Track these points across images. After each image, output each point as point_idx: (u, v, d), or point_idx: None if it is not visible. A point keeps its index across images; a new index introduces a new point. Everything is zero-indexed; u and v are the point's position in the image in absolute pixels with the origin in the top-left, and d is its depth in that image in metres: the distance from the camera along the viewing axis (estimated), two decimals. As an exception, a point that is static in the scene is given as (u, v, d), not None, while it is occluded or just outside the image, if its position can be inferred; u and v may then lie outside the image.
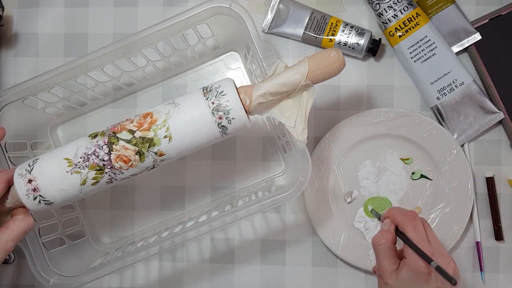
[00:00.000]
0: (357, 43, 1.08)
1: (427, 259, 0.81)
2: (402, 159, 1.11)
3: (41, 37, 1.17)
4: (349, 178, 1.12)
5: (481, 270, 1.10)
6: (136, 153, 0.83)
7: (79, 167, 0.83)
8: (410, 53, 1.08)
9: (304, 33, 1.11)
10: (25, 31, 1.17)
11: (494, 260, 1.11)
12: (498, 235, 1.09)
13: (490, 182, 1.10)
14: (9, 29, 1.17)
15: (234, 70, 1.14)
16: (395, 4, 1.07)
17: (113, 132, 0.84)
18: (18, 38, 1.17)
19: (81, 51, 1.17)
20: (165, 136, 0.83)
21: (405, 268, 0.83)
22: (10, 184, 0.85)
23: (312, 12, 1.11)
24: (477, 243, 1.10)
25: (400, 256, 0.87)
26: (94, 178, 0.84)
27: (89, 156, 0.83)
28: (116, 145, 0.83)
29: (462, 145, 1.10)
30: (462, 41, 1.09)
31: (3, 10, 1.13)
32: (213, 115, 0.82)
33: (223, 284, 1.14)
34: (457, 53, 1.10)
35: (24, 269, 1.16)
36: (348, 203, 1.12)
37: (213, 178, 1.15)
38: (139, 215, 1.15)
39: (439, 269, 0.78)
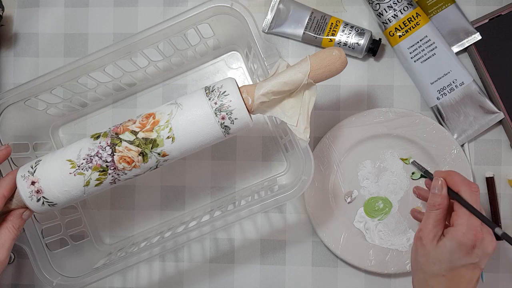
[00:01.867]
0: (357, 43, 1.09)
1: (491, 226, 0.82)
2: (402, 159, 1.11)
3: (41, 37, 1.17)
4: (349, 178, 1.12)
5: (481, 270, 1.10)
6: (139, 154, 0.83)
7: (82, 169, 0.83)
8: (410, 53, 1.08)
9: (304, 33, 1.11)
10: (25, 31, 1.17)
11: (494, 260, 1.11)
12: (498, 235, 1.09)
13: (490, 182, 1.10)
14: (9, 29, 1.17)
15: (235, 70, 1.14)
16: (395, 4, 1.07)
17: (116, 133, 0.84)
18: (18, 38, 1.17)
19: (81, 51, 1.16)
20: (168, 137, 0.82)
21: (449, 237, 0.83)
22: (16, 186, 0.85)
23: (312, 12, 1.11)
24: (477, 242, 1.10)
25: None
26: (97, 179, 0.84)
27: (92, 157, 0.83)
28: (119, 146, 0.83)
29: (462, 145, 1.11)
30: (462, 41, 1.09)
31: (3, 10, 1.12)
32: (216, 115, 0.82)
33: (223, 284, 1.14)
34: (457, 53, 1.10)
35: (24, 269, 1.16)
36: (348, 203, 1.12)
37: (214, 178, 1.14)
38: (140, 215, 1.15)
39: (505, 236, 0.81)
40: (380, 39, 1.10)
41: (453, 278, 0.84)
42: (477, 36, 1.09)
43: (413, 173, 1.11)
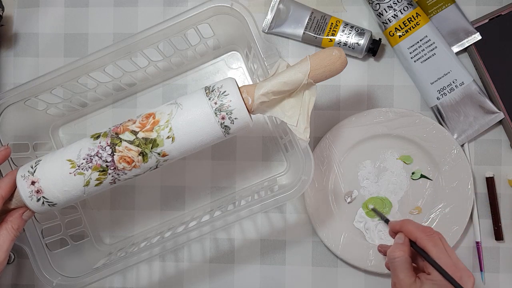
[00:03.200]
0: (357, 43, 1.09)
1: (456, 285, 0.81)
2: (402, 159, 1.11)
3: (41, 37, 1.17)
4: (349, 178, 1.12)
5: (481, 270, 1.10)
6: (139, 154, 0.83)
7: (82, 169, 0.83)
8: (410, 53, 1.08)
9: (304, 33, 1.11)
10: (25, 31, 1.17)
11: (494, 260, 1.11)
12: (498, 235, 1.10)
13: (490, 182, 1.10)
14: (9, 29, 1.17)
15: (235, 70, 1.14)
16: (395, 4, 1.07)
17: (116, 133, 0.84)
18: (18, 38, 1.17)
19: (81, 51, 1.16)
20: (168, 137, 0.82)
21: (428, 283, 0.82)
22: (15, 186, 0.85)
23: (312, 12, 1.11)
24: (477, 243, 1.10)
25: (415, 269, 0.87)
26: (97, 179, 0.84)
27: (92, 157, 0.83)
28: (119, 146, 0.83)
29: (462, 145, 1.11)
30: (462, 41, 1.09)
31: (3, 10, 1.12)
32: (216, 115, 0.82)
33: (223, 284, 1.14)
34: (457, 53, 1.10)
35: (24, 269, 1.16)
36: (348, 203, 1.12)
37: (214, 178, 1.14)
38: (140, 215, 1.15)
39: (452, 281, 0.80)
40: (380, 39, 1.10)
41: None
42: (477, 36, 1.09)
43: (413, 173, 1.11)
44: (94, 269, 0.97)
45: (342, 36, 1.09)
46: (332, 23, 1.10)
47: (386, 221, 1.00)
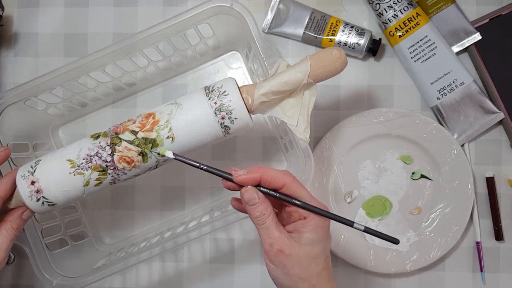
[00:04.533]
0: (357, 43, 1.09)
1: (348, 223, 0.76)
2: (402, 159, 1.11)
3: (41, 37, 1.17)
4: (349, 178, 1.12)
5: (481, 270, 1.10)
6: (139, 154, 0.83)
7: (82, 169, 0.83)
8: (410, 53, 1.08)
9: (304, 33, 1.11)
10: (25, 31, 1.17)
11: (494, 260, 1.11)
12: (498, 235, 1.10)
13: (490, 182, 1.10)
14: (9, 29, 1.17)
15: (235, 70, 1.14)
16: (395, 4, 1.07)
17: (116, 133, 0.84)
18: (18, 38, 1.17)
19: (81, 51, 1.16)
20: (167, 137, 0.83)
21: (309, 229, 0.75)
22: (15, 186, 0.85)
23: (312, 12, 1.11)
24: (477, 243, 1.10)
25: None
26: (97, 179, 0.84)
27: (91, 157, 0.83)
28: (119, 146, 0.83)
29: (462, 145, 1.11)
30: (462, 41, 1.09)
31: (3, 10, 1.12)
32: (216, 115, 0.82)
33: (223, 284, 1.14)
34: (457, 53, 1.10)
35: (24, 269, 1.16)
36: (348, 203, 1.12)
37: (214, 178, 1.13)
38: (140, 215, 1.15)
39: (368, 229, 0.77)
40: (380, 39, 1.10)
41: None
42: (477, 36, 1.09)
43: (413, 173, 1.11)
44: (94, 269, 0.97)
45: (342, 36, 1.09)
46: (332, 23, 1.10)
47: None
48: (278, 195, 0.77)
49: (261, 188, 0.77)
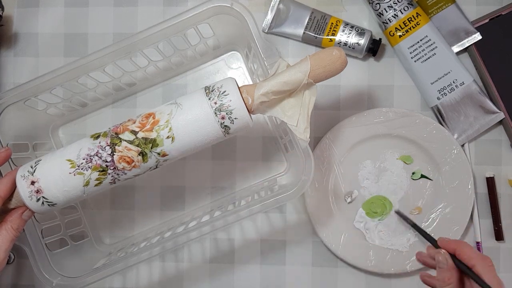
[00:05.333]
0: (357, 43, 1.09)
1: None
2: (402, 159, 1.11)
3: (41, 37, 1.17)
4: (349, 178, 1.12)
5: (481, 269, 1.10)
6: (139, 154, 0.83)
7: (82, 169, 0.83)
8: (410, 53, 1.08)
9: (304, 33, 1.11)
10: (25, 31, 1.17)
11: (494, 260, 1.09)
12: (499, 235, 1.10)
13: (490, 182, 1.10)
14: (9, 29, 1.17)
15: (235, 70, 1.14)
16: (395, 4, 1.07)
17: (116, 133, 0.84)
18: (18, 38, 1.17)
19: (81, 51, 1.16)
20: (168, 137, 0.82)
21: None
22: (15, 186, 0.85)
23: (312, 12, 1.11)
24: (478, 243, 1.10)
25: None
26: (97, 179, 0.84)
27: (91, 157, 0.83)
28: (118, 146, 0.83)
29: (463, 145, 1.11)
30: (462, 41, 1.09)
31: (3, 10, 1.12)
32: (216, 115, 0.82)
33: (223, 284, 1.14)
34: (458, 53, 1.10)
35: (24, 269, 1.16)
36: (348, 203, 1.12)
37: (214, 178, 1.14)
38: (140, 215, 1.15)
39: None
40: (380, 39, 1.10)
41: None
42: (477, 36, 1.09)
43: (413, 173, 1.11)
44: (94, 269, 0.97)
45: (342, 36, 1.09)
46: (332, 23, 1.10)
47: (414, 226, 1.02)
48: (467, 270, 0.83)
49: (455, 260, 0.84)
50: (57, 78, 0.94)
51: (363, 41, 1.08)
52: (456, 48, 1.10)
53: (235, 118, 0.83)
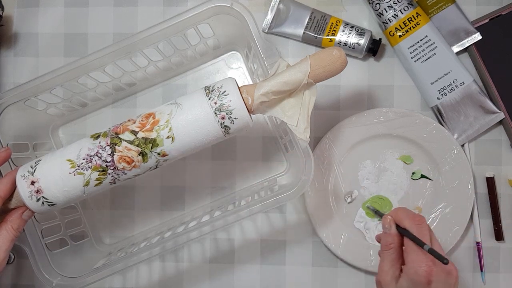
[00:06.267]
0: (357, 43, 1.09)
1: (420, 243, 0.80)
2: (402, 159, 1.11)
3: (41, 37, 1.17)
4: (349, 178, 1.12)
5: (481, 270, 1.10)
6: (139, 154, 0.83)
7: (82, 169, 0.83)
8: (410, 53, 1.08)
9: (304, 33, 1.11)
10: (25, 31, 1.17)
11: (494, 260, 1.11)
12: (499, 235, 1.10)
13: (490, 182, 1.10)
14: (9, 29, 1.17)
15: (235, 70, 1.14)
16: (395, 4, 1.07)
17: (116, 133, 0.84)
18: (18, 38, 1.17)
19: (81, 51, 1.16)
20: (168, 137, 0.82)
21: (403, 276, 0.82)
22: (15, 186, 0.85)
23: (312, 12, 1.11)
24: (478, 243, 1.10)
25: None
26: (97, 179, 0.84)
27: (91, 157, 0.83)
28: (119, 146, 0.83)
29: (463, 145, 1.11)
30: (462, 41, 1.09)
31: (3, 10, 1.12)
32: (216, 115, 0.82)
33: (223, 284, 1.14)
34: (458, 53, 1.10)
35: (24, 269, 1.16)
36: (348, 203, 1.12)
37: (214, 178, 1.14)
38: (140, 215, 1.15)
39: (432, 251, 0.78)
40: (380, 39, 1.10)
41: None
42: (477, 36, 1.09)
43: (413, 173, 1.11)
44: (94, 269, 0.97)
45: (342, 36, 1.09)
46: (332, 23, 1.10)
47: (378, 213, 1.05)
48: (403, 231, 0.86)
49: (399, 228, 0.87)
50: (57, 78, 0.94)
51: (363, 41, 1.08)
52: (456, 48, 1.10)
53: (235, 118, 0.83)
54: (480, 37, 1.08)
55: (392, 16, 1.08)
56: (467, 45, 1.09)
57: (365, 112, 1.09)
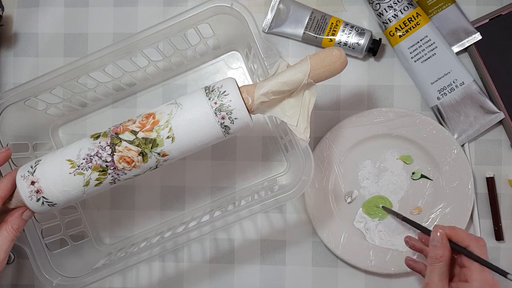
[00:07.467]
0: (357, 43, 1.09)
1: (503, 273, 0.84)
2: (402, 159, 1.11)
3: (41, 37, 1.17)
4: (349, 178, 1.12)
5: (481, 269, 1.10)
6: (139, 154, 0.83)
7: (82, 169, 0.83)
8: (410, 53, 1.08)
9: (304, 33, 1.11)
10: (25, 31, 1.17)
11: (494, 260, 1.11)
12: (499, 235, 1.10)
13: (490, 182, 1.10)
14: (9, 29, 1.17)
15: (235, 70, 1.14)
16: (395, 4, 1.07)
17: (116, 133, 0.84)
18: (18, 38, 1.17)
19: (81, 51, 1.16)
20: (168, 137, 0.82)
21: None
22: (15, 186, 0.85)
23: (312, 12, 1.11)
24: (478, 243, 1.10)
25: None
26: (97, 179, 0.84)
27: (92, 157, 0.83)
28: (119, 146, 0.83)
29: (463, 145, 1.11)
30: (462, 41, 1.09)
31: (3, 10, 1.12)
32: (216, 115, 0.82)
33: (223, 284, 1.14)
34: (458, 53, 1.10)
35: (24, 269, 1.16)
36: (348, 203, 1.12)
37: (214, 178, 1.14)
38: (140, 215, 1.15)
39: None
40: (380, 39, 1.10)
41: None
42: (477, 36, 1.09)
43: (413, 173, 1.11)
44: (94, 269, 0.97)
45: (342, 36, 1.09)
46: (332, 23, 1.10)
47: (404, 219, 1.05)
48: (462, 249, 0.88)
49: (457, 246, 0.89)
50: (57, 78, 0.94)
51: (363, 41, 1.08)
52: (456, 48, 1.10)
53: (235, 118, 0.82)
54: (480, 37, 1.08)
55: (392, 16, 1.07)
56: (467, 45, 1.09)
57: (365, 112, 1.09)
